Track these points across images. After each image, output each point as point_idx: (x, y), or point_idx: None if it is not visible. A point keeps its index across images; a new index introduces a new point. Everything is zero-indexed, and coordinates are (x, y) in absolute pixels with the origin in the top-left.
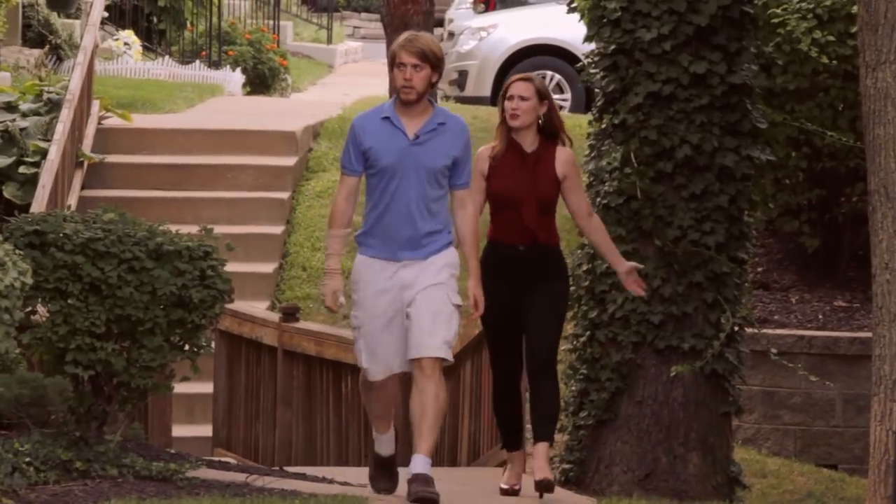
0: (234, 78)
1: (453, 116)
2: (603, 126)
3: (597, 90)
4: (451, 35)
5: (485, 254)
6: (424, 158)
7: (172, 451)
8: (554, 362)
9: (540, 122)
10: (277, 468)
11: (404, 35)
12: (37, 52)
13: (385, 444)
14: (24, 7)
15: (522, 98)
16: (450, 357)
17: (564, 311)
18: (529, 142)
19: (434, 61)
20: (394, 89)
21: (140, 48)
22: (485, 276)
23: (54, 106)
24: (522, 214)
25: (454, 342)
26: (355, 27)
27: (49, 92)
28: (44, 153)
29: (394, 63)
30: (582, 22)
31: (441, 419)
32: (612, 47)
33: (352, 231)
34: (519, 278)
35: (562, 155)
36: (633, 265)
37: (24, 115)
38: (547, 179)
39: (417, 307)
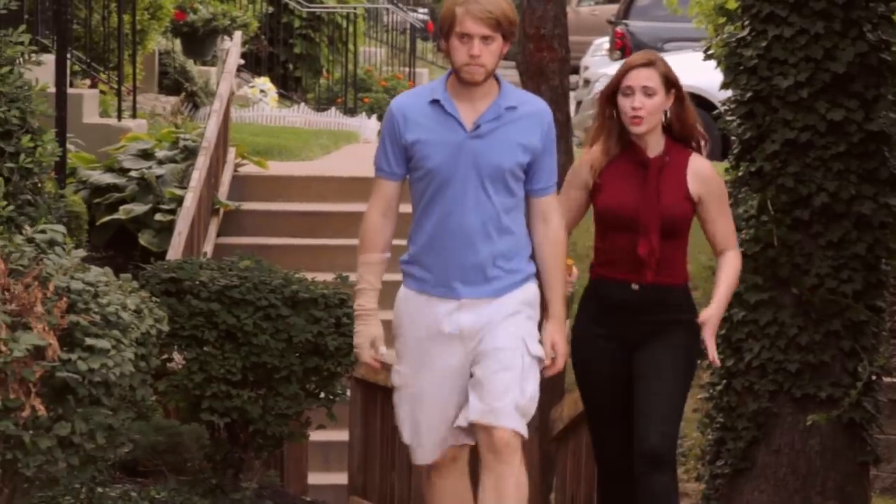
0: (369, 125)
1: (528, 97)
2: (740, 174)
3: (733, 137)
4: (587, 82)
5: (584, 297)
6: (487, 156)
7: (308, 498)
8: (672, 452)
9: (665, 119)
10: None
11: None
12: (173, 99)
13: None
14: (160, 54)
15: (646, 92)
16: (523, 429)
17: (691, 375)
18: (653, 143)
19: (507, 29)
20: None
21: (276, 95)
22: (584, 330)
23: (190, 153)
24: (639, 240)
25: (532, 407)
26: None
27: (185, 139)
28: (179, 200)
29: (450, 30)
30: (718, 69)
31: None
32: (749, 94)
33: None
34: (633, 332)
35: (697, 166)
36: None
37: (161, 163)
38: (676, 194)
39: (482, 362)
